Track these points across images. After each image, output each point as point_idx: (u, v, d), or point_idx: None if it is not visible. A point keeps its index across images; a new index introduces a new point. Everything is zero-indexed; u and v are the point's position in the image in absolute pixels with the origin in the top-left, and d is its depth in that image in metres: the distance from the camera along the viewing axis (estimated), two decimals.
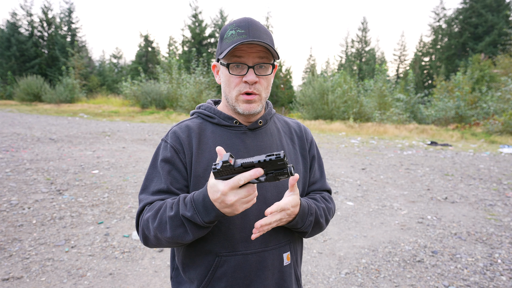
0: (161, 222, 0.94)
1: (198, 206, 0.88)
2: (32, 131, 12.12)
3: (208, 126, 1.11)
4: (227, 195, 0.81)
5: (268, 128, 1.16)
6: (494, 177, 7.22)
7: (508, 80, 17.03)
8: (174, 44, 43.86)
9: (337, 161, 8.78)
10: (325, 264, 3.34)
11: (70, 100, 31.09)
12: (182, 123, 1.12)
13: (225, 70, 1.04)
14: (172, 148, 1.05)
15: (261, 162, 0.79)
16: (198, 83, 23.90)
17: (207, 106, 1.16)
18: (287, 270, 1.10)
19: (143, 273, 3.08)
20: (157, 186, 1.03)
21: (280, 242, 1.08)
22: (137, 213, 1.04)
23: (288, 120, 1.27)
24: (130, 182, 5.99)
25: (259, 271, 1.04)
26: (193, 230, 0.91)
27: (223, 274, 1.02)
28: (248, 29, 1.00)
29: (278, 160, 0.77)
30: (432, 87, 31.70)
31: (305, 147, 1.22)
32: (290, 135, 1.22)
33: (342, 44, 62.15)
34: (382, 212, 4.90)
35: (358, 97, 22.07)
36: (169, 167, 1.04)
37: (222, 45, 1.04)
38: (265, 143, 1.12)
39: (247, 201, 0.84)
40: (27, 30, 41.05)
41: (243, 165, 0.80)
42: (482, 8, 35.97)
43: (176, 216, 0.91)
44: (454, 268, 3.28)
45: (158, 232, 0.95)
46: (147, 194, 1.04)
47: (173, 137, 1.07)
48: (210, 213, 0.87)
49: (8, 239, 3.59)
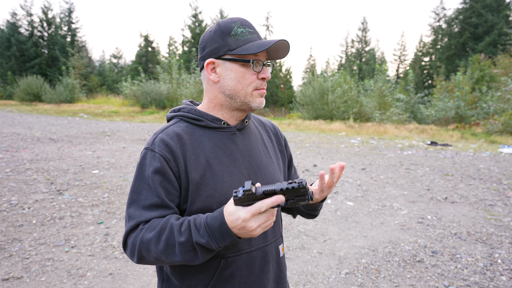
0: (167, 245, 0.90)
1: (213, 232, 0.87)
2: (32, 131, 12.12)
3: (196, 130, 1.06)
4: (249, 222, 0.83)
5: (251, 127, 1.17)
6: (494, 177, 7.22)
7: (508, 80, 17.02)
8: (174, 44, 43.86)
9: (337, 161, 8.77)
10: (325, 264, 3.34)
11: (70, 100, 31.10)
12: (168, 129, 1.04)
13: (239, 67, 1.01)
14: (161, 157, 0.97)
15: (283, 190, 0.80)
16: (198, 83, 23.91)
17: (191, 108, 1.09)
18: (283, 261, 1.15)
19: (143, 273, 3.08)
20: (149, 200, 0.96)
21: (275, 235, 1.12)
22: (126, 230, 0.96)
23: (261, 118, 1.31)
24: (130, 182, 5.98)
25: (262, 266, 1.06)
26: (204, 254, 0.91)
27: (230, 275, 1.02)
28: (254, 30, 1.04)
29: (301, 188, 0.79)
30: (432, 87, 31.69)
31: (281, 143, 1.28)
32: (266, 132, 1.25)
33: (342, 44, 62.19)
34: (382, 212, 4.90)
35: (358, 97, 22.05)
36: (160, 178, 0.96)
37: (233, 41, 1.00)
38: (252, 143, 1.13)
39: (267, 226, 0.87)
40: (27, 30, 41.07)
41: (265, 192, 0.81)
42: (482, 8, 35.96)
43: (188, 242, 0.89)
44: (454, 268, 3.28)
45: (164, 256, 0.90)
46: (138, 209, 0.96)
47: (161, 145, 0.99)
48: (227, 239, 0.87)
49: (8, 239, 3.59)
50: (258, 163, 1.11)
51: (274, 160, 1.19)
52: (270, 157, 1.17)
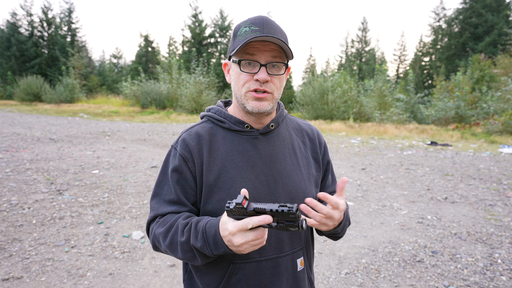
0: (172, 243, 0.96)
1: (208, 239, 0.88)
2: (32, 131, 12.12)
3: (219, 131, 1.07)
4: (235, 236, 0.82)
5: (280, 132, 1.11)
6: (494, 177, 7.22)
7: (508, 80, 17.01)
8: (174, 44, 43.85)
9: (337, 161, 8.78)
10: (325, 264, 3.34)
11: (70, 100, 31.09)
12: (192, 130, 1.08)
13: (236, 68, 1.00)
14: (180, 157, 1.02)
15: (272, 211, 0.79)
16: (198, 83, 23.91)
17: (218, 109, 1.10)
18: (301, 276, 1.09)
19: (143, 273, 3.08)
20: (168, 195, 1.03)
21: (294, 247, 1.07)
22: (148, 220, 1.06)
23: (300, 122, 1.23)
24: (130, 182, 5.98)
25: (273, 277, 1.03)
26: (202, 258, 0.94)
27: (238, 281, 1.01)
28: (263, 26, 0.96)
29: (290, 213, 0.77)
30: (432, 87, 31.68)
31: (317, 151, 1.19)
32: (302, 137, 1.18)
33: (342, 44, 62.18)
34: (382, 212, 4.89)
35: (358, 97, 22.06)
36: (177, 176, 1.02)
37: (234, 42, 1.00)
38: (277, 148, 1.08)
39: (255, 244, 0.84)
40: (27, 30, 41.06)
41: (255, 209, 0.80)
42: (482, 8, 35.97)
43: (187, 243, 0.93)
44: (454, 268, 3.28)
45: (169, 251, 0.98)
46: (159, 203, 1.04)
47: (182, 145, 1.03)
48: (220, 248, 0.88)
49: (8, 239, 3.59)
50: (280, 170, 1.06)
51: (303, 168, 1.11)
52: (298, 165, 1.11)
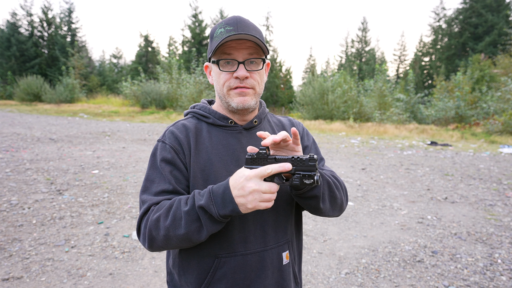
0: (175, 218, 0.91)
1: (216, 198, 0.88)
2: (32, 131, 12.12)
3: (204, 126, 1.11)
4: (250, 181, 0.84)
5: (263, 127, 1.16)
6: (494, 177, 7.22)
7: (508, 80, 17.01)
8: (174, 44, 43.87)
9: (337, 161, 8.77)
10: (325, 264, 3.34)
11: (70, 100, 31.10)
12: (178, 123, 1.11)
13: (216, 68, 1.04)
14: (171, 149, 1.04)
15: (293, 158, 0.83)
16: (198, 83, 23.91)
17: (202, 105, 1.15)
18: (286, 269, 1.11)
19: (143, 273, 3.08)
20: (160, 186, 1.01)
21: (279, 241, 1.09)
22: (140, 214, 1.00)
23: (281, 118, 1.28)
24: (130, 182, 5.98)
25: (259, 271, 1.04)
26: (208, 224, 0.90)
27: (223, 275, 1.02)
28: (237, 26, 1.00)
29: (311, 159, 0.81)
30: (432, 87, 31.69)
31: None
32: (282, 130, 1.22)
33: (342, 44, 62.23)
34: (382, 212, 4.89)
35: (358, 97, 22.06)
36: (170, 167, 1.02)
37: (211, 44, 1.04)
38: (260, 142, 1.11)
39: (264, 199, 0.85)
40: (27, 30, 41.06)
41: (276, 158, 0.85)
42: (482, 8, 35.96)
43: (192, 210, 0.90)
44: (454, 268, 3.28)
45: (171, 230, 0.92)
46: (150, 195, 1.01)
47: (171, 137, 1.06)
48: (227, 206, 0.87)
49: (8, 239, 3.59)
50: None
51: None
52: None
